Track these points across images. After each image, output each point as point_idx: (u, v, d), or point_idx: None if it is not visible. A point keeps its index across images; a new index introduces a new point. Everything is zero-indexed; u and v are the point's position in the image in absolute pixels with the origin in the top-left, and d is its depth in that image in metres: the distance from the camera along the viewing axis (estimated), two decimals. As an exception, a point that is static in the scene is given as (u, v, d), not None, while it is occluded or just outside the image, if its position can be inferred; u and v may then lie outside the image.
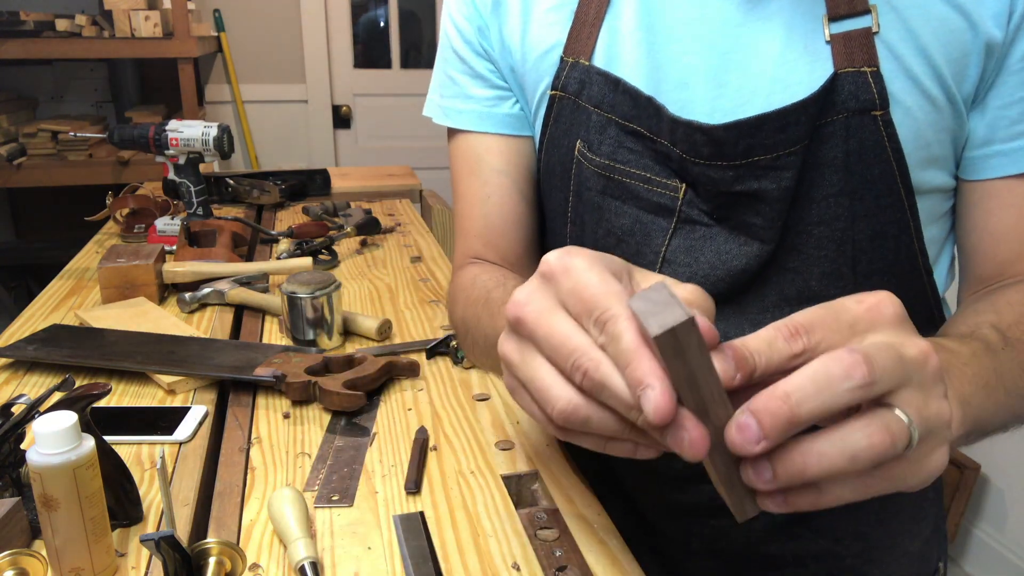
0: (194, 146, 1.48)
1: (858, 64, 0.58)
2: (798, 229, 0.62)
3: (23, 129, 2.36)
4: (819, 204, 0.61)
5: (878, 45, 0.58)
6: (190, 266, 1.29)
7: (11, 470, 0.70)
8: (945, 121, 0.60)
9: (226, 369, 0.97)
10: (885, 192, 0.60)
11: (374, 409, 0.93)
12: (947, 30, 0.57)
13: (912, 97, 0.58)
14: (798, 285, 0.63)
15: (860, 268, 0.62)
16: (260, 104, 3.20)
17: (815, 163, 0.60)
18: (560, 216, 0.74)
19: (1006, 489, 2.02)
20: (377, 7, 3.34)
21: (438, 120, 0.79)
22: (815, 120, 0.59)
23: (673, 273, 0.65)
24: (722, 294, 0.64)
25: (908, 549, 0.75)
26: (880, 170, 0.59)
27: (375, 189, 2.12)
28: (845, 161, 0.59)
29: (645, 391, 0.35)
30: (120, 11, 2.30)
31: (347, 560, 0.67)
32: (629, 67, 0.66)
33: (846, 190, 0.60)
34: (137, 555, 0.68)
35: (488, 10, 0.73)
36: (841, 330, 0.39)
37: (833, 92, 0.58)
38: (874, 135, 0.58)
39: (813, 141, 0.59)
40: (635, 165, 0.66)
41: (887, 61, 0.58)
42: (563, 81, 0.69)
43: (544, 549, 0.68)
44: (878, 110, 0.58)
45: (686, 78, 0.63)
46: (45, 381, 0.99)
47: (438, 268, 1.47)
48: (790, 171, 0.60)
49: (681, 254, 0.65)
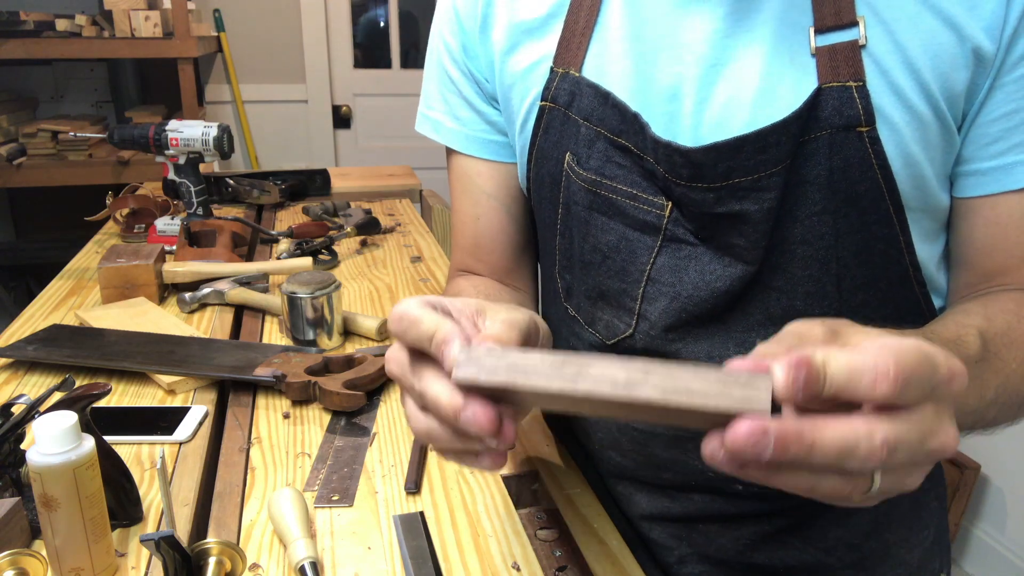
0: (194, 146, 1.48)
1: (843, 78, 0.56)
2: (782, 248, 0.61)
3: (23, 129, 2.36)
4: (803, 223, 0.59)
5: (865, 59, 0.56)
6: (190, 266, 1.29)
7: (11, 470, 0.70)
8: (932, 137, 0.58)
9: (226, 369, 0.97)
10: (871, 208, 0.59)
11: (374, 409, 0.93)
12: (936, 43, 0.56)
13: (898, 112, 0.57)
14: (783, 304, 0.62)
15: (845, 284, 0.62)
16: (260, 104, 3.20)
17: (798, 181, 0.58)
18: (550, 228, 0.73)
19: (1006, 489, 2.02)
20: (377, 7, 3.34)
21: (430, 136, 0.80)
22: (797, 138, 0.57)
23: (657, 292, 0.65)
24: (707, 313, 0.63)
25: (905, 559, 0.74)
26: (866, 187, 0.58)
27: (375, 189, 2.12)
28: (829, 179, 0.58)
29: (463, 412, 0.43)
30: (120, 11, 2.30)
31: (347, 560, 0.67)
32: (618, 78, 0.65)
33: (829, 208, 0.59)
34: (137, 555, 0.68)
35: (475, 25, 0.72)
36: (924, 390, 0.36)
37: (817, 107, 0.56)
38: (859, 152, 0.57)
39: (796, 158, 0.58)
40: (622, 181, 0.65)
41: (874, 75, 0.56)
42: (553, 92, 0.68)
43: (544, 549, 0.68)
44: (863, 126, 0.56)
45: (674, 90, 0.62)
46: (45, 381, 0.99)
47: (438, 268, 1.47)
48: (772, 192, 0.58)
49: (666, 273, 0.64)
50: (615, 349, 0.68)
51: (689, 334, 0.64)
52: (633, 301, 0.66)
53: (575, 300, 0.73)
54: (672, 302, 0.64)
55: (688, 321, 0.64)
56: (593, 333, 0.71)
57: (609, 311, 0.69)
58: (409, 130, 3.91)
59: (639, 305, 0.66)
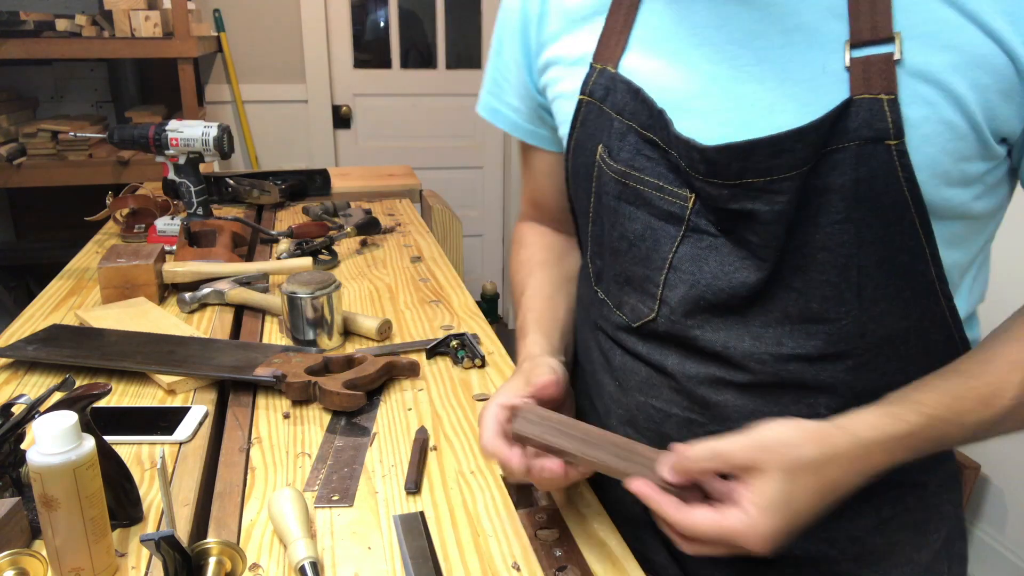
0: (194, 146, 1.48)
1: (875, 91, 0.57)
2: (802, 252, 0.62)
3: (23, 129, 2.36)
4: (824, 230, 0.60)
5: (899, 73, 0.56)
6: (190, 266, 1.29)
7: (11, 470, 0.70)
8: (966, 149, 0.58)
9: (226, 369, 0.97)
10: (895, 220, 0.59)
11: (374, 409, 0.93)
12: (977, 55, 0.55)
13: (930, 124, 0.57)
14: (800, 305, 0.63)
15: (866, 294, 0.62)
16: (260, 104, 3.20)
17: (822, 188, 0.59)
18: (584, 216, 0.77)
19: (1006, 489, 2.02)
20: (377, 7, 3.34)
21: (486, 117, 0.87)
22: (816, 147, 0.58)
23: (678, 279, 0.67)
24: (723, 304, 0.65)
25: (912, 557, 0.73)
26: (892, 200, 0.58)
27: (375, 189, 2.12)
28: (854, 189, 0.58)
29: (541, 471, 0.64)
30: (120, 11, 2.30)
31: (347, 560, 0.67)
32: (651, 75, 0.67)
33: (853, 217, 0.59)
34: (137, 555, 0.68)
35: (535, 11, 0.77)
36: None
37: (847, 119, 0.57)
38: (886, 165, 0.57)
39: (822, 167, 0.59)
40: (650, 173, 0.67)
41: (906, 88, 0.56)
42: (591, 87, 0.71)
43: (544, 549, 0.68)
44: (892, 139, 0.56)
45: (705, 88, 0.64)
46: (45, 381, 0.99)
47: (438, 268, 1.47)
48: (784, 195, 0.60)
49: (687, 262, 0.66)
50: (639, 332, 0.72)
51: (708, 323, 0.67)
52: (656, 287, 0.69)
53: (604, 284, 0.76)
54: (691, 290, 0.66)
55: (706, 309, 0.66)
56: (620, 316, 0.74)
57: (634, 296, 0.71)
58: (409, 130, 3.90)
59: (661, 291, 0.69)
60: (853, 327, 0.63)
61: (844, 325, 0.63)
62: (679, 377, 0.69)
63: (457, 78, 3.41)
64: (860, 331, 0.63)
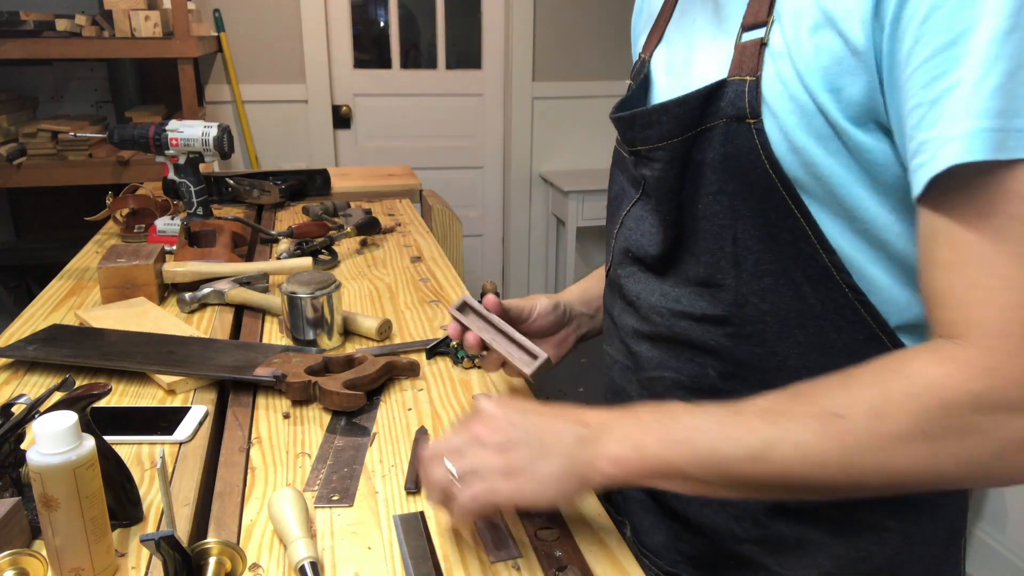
0: (194, 146, 1.48)
1: (744, 73, 0.62)
2: (692, 220, 0.68)
3: (23, 129, 2.36)
4: (703, 200, 0.66)
5: (765, 55, 0.62)
6: (190, 266, 1.29)
7: (11, 470, 0.70)
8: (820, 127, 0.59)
9: (226, 369, 0.97)
10: (766, 195, 0.62)
11: (374, 409, 0.93)
12: (818, 37, 0.58)
13: (782, 101, 0.60)
14: (696, 270, 0.69)
15: (745, 265, 0.65)
16: (260, 104, 3.20)
17: (700, 162, 0.66)
18: None
19: (1006, 489, 2.02)
20: (377, 7, 3.34)
21: None
22: (683, 121, 0.65)
23: (623, 236, 0.77)
24: (645, 261, 0.74)
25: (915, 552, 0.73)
26: (758, 175, 0.62)
27: (375, 189, 2.12)
28: (723, 163, 0.64)
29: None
30: (120, 11, 2.30)
31: (347, 560, 0.67)
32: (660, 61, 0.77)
33: (726, 190, 0.64)
34: (137, 555, 0.68)
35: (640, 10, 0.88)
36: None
37: (719, 99, 0.63)
38: (748, 142, 0.62)
39: (700, 142, 0.65)
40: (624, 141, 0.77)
41: (767, 68, 0.61)
42: (633, 73, 0.83)
43: (544, 549, 0.68)
44: (750, 118, 0.62)
45: (667, 69, 0.75)
46: (45, 381, 0.99)
47: (438, 268, 1.47)
48: (660, 163, 0.68)
49: (630, 222, 0.76)
50: (608, 283, 0.83)
51: (632, 275, 0.76)
52: (612, 240, 0.80)
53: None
54: (625, 243, 0.77)
55: (633, 262, 0.76)
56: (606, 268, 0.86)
57: (607, 249, 0.84)
58: (409, 130, 3.91)
59: (613, 244, 0.80)
60: (731, 295, 0.67)
61: (724, 292, 0.67)
62: (620, 325, 0.79)
63: (457, 78, 3.42)
64: (739, 300, 0.66)
